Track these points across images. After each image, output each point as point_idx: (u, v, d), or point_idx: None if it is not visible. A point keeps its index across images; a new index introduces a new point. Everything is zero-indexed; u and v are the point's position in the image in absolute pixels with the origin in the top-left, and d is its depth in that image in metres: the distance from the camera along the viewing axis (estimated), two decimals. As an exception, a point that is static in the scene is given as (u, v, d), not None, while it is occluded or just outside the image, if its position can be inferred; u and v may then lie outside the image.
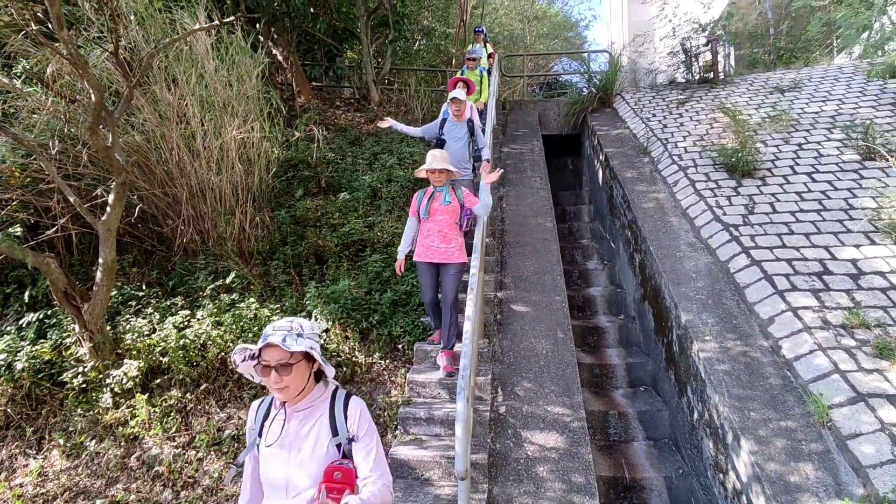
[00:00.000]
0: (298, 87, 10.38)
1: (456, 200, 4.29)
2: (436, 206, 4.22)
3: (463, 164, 5.57)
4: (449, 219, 4.25)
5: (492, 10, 19.64)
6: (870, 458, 2.87)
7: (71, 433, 4.27)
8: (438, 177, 4.21)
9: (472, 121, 5.67)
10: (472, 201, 4.36)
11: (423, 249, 4.26)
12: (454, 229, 4.30)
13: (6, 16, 4.46)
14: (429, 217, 4.22)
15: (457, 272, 4.24)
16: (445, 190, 4.26)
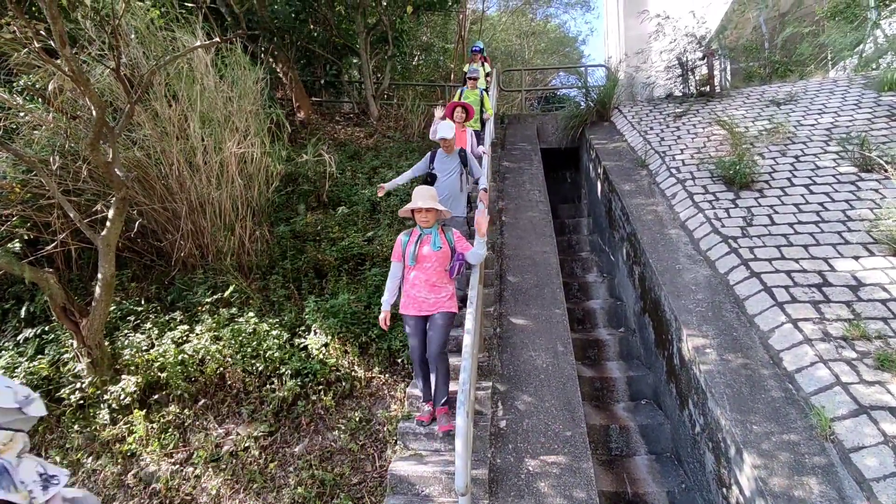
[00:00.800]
0: (298, 103, 10.47)
1: (446, 244, 3.79)
2: (424, 251, 3.72)
3: (455, 200, 5.17)
4: (438, 266, 3.76)
5: (490, 25, 19.88)
6: (873, 471, 2.84)
7: (68, 450, 4.23)
8: (426, 217, 3.71)
9: (465, 150, 5.31)
10: (465, 246, 3.86)
11: (409, 301, 3.77)
12: (444, 277, 3.80)
13: (9, 33, 4.50)
14: (416, 264, 3.73)
15: (445, 323, 3.74)
16: (434, 232, 3.77)
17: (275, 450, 4.17)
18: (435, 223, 3.81)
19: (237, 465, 4.04)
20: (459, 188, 5.18)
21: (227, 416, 4.45)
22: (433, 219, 3.75)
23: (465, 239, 3.95)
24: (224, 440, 4.24)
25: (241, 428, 4.30)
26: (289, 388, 4.40)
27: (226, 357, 4.66)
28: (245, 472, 3.98)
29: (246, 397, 4.53)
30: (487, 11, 19.44)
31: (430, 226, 3.76)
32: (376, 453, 4.02)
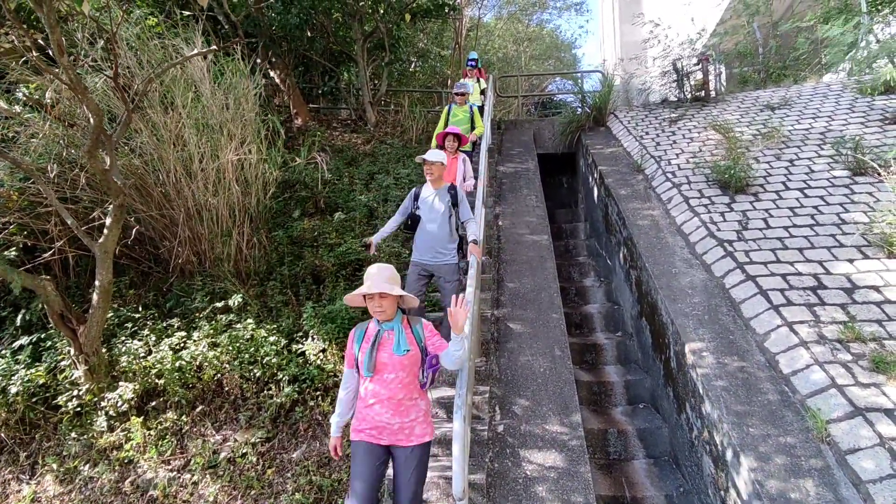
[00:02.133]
0: (296, 109, 10.51)
1: (415, 344, 2.69)
2: (384, 356, 2.62)
3: (444, 245, 4.26)
4: (406, 376, 2.65)
5: (486, 32, 19.99)
6: (869, 473, 2.85)
7: (65, 458, 4.22)
8: (379, 304, 2.60)
9: (456, 188, 4.44)
10: (438, 345, 2.75)
11: (363, 423, 2.67)
12: (414, 390, 2.70)
13: (7, 42, 4.53)
14: (374, 374, 2.63)
15: (420, 462, 2.66)
16: (397, 327, 2.68)
17: (272, 456, 4.17)
18: (397, 313, 2.72)
19: (235, 471, 4.03)
20: (448, 232, 4.26)
21: (224, 422, 4.44)
22: (392, 309, 2.64)
23: (438, 331, 2.87)
24: (221, 446, 4.23)
25: (238, 434, 4.29)
26: (286, 394, 4.40)
27: (223, 363, 4.66)
28: (243, 478, 3.97)
29: (243, 403, 4.52)
30: (483, 18, 19.57)
31: (390, 318, 2.66)
32: (374, 459, 4.01)
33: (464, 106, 7.09)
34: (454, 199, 4.33)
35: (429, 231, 4.26)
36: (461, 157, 5.63)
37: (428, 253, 4.26)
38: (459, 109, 7.05)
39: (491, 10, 20.87)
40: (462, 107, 7.07)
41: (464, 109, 7.06)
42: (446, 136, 5.59)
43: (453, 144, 5.62)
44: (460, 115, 7.04)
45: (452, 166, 5.55)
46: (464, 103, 7.10)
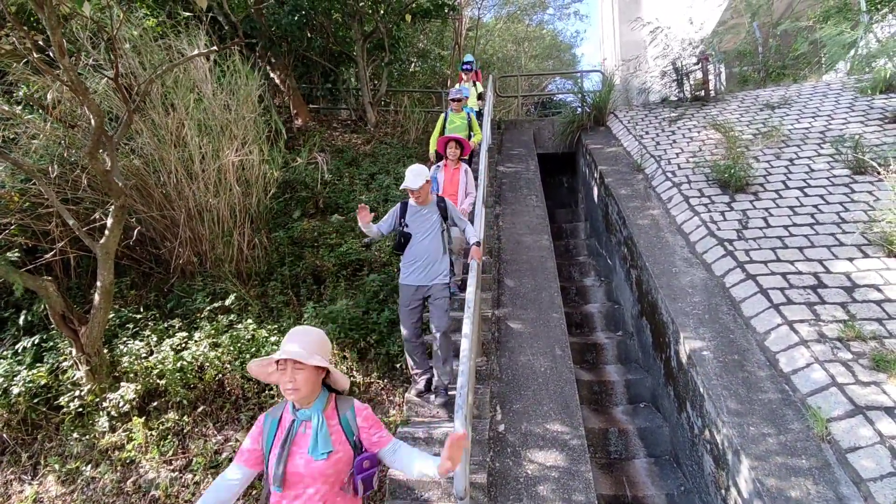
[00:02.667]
0: (296, 110, 10.51)
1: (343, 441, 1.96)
2: (298, 463, 1.90)
3: (437, 264, 4.00)
4: (328, 490, 1.92)
5: (485, 32, 19.99)
6: (870, 471, 2.86)
7: (66, 458, 4.23)
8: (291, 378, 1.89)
9: (445, 200, 4.15)
10: (377, 439, 2.03)
11: None
12: None
13: (8, 44, 4.53)
14: (283, 489, 1.89)
15: None
16: (316, 415, 1.96)
17: (274, 456, 4.17)
18: (320, 396, 2.00)
19: (236, 471, 4.03)
20: (441, 249, 4.03)
21: (225, 422, 4.45)
22: (308, 388, 1.92)
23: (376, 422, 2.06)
24: (223, 447, 4.24)
25: (239, 434, 4.30)
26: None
27: (224, 363, 4.67)
28: (244, 478, 3.98)
29: (245, 403, 4.53)
30: (483, 18, 19.57)
31: (307, 403, 1.96)
32: (375, 458, 4.01)
33: (461, 112, 6.74)
34: (444, 213, 4.08)
35: (423, 247, 3.97)
36: (463, 168, 5.34)
37: (422, 271, 3.96)
38: (456, 116, 6.69)
39: (490, 10, 20.90)
40: (459, 113, 6.72)
41: (461, 116, 6.71)
42: (448, 142, 5.30)
43: (455, 152, 5.35)
44: (457, 122, 6.67)
45: (454, 178, 5.27)
46: (460, 109, 6.74)
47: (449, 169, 5.35)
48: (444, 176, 5.35)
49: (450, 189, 5.23)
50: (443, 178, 5.35)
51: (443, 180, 5.33)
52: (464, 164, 5.41)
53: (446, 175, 5.37)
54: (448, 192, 5.23)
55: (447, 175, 5.36)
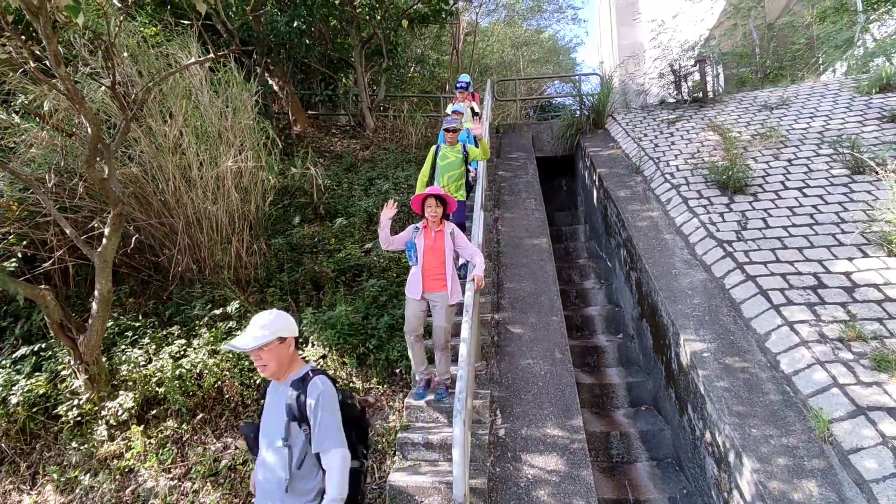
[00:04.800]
0: (294, 116, 10.53)
1: None
2: None
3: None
4: None
5: (483, 36, 20.05)
6: (872, 472, 2.83)
7: (65, 467, 4.21)
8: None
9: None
10: None
11: None
12: None
13: (4, 53, 4.55)
14: None
15: None
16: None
17: (273, 463, 4.15)
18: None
19: (236, 478, 4.01)
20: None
21: (225, 429, 4.43)
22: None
23: None
24: (222, 454, 4.22)
25: (239, 442, 4.28)
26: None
27: (223, 371, 4.65)
28: (243, 485, 3.96)
29: (244, 410, 4.51)
30: (481, 23, 19.62)
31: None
32: (375, 465, 4.00)
33: (455, 145, 5.60)
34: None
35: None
36: (448, 231, 4.08)
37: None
38: (450, 150, 5.56)
39: (489, 14, 20.96)
40: (453, 146, 5.59)
41: (455, 150, 5.57)
42: (425, 199, 4.04)
43: (436, 213, 4.02)
44: (451, 157, 5.54)
45: (437, 245, 4.02)
46: (455, 141, 5.60)
47: (430, 233, 4.04)
48: (423, 242, 4.03)
49: (432, 261, 4.00)
50: (422, 245, 4.03)
51: (422, 249, 4.02)
52: (449, 225, 4.13)
53: (426, 241, 4.03)
54: (429, 267, 4.00)
55: (427, 241, 4.03)
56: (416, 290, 4.01)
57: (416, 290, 4.01)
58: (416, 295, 4.01)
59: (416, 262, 4.01)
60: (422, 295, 3.99)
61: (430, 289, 3.98)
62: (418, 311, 4.04)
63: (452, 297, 4.00)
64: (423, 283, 3.99)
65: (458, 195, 5.55)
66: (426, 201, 4.02)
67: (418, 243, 4.01)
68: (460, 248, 4.09)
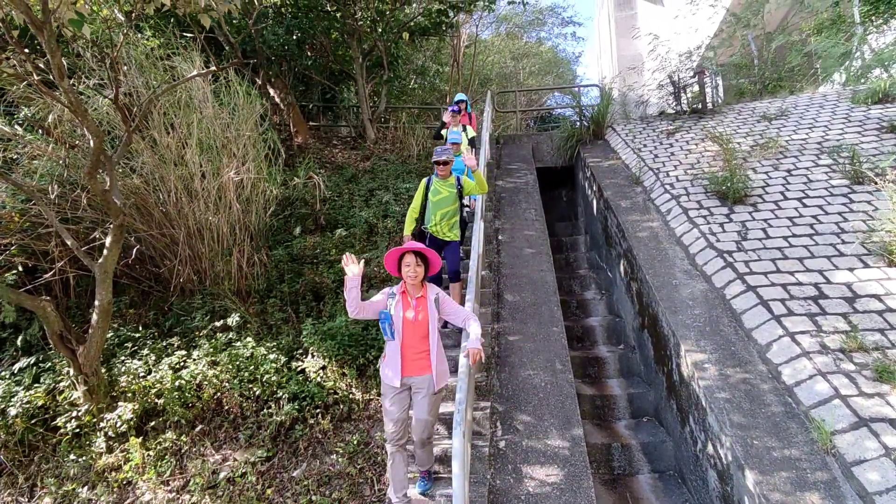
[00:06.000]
0: (296, 128, 10.59)
1: None
2: None
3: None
4: None
5: (484, 48, 20.21)
6: (875, 484, 2.81)
7: (63, 480, 4.19)
8: None
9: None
10: None
11: None
12: None
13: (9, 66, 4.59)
14: None
15: None
16: None
17: (272, 475, 4.12)
18: None
19: (234, 491, 3.99)
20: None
21: (224, 441, 4.41)
22: None
23: None
24: (221, 466, 4.19)
25: (238, 453, 4.25)
26: (286, 412, 4.37)
27: (223, 382, 4.64)
28: (242, 498, 3.93)
29: (243, 422, 4.49)
30: (481, 35, 19.78)
31: None
32: (375, 477, 3.97)
33: (448, 178, 4.93)
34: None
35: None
36: (431, 296, 3.29)
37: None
38: (443, 184, 4.90)
39: (489, 27, 21.14)
40: (446, 180, 4.91)
41: (448, 184, 4.90)
42: (402, 257, 3.27)
43: (416, 274, 3.23)
44: (444, 191, 4.87)
45: (420, 316, 3.22)
46: (448, 174, 4.92)
47: (409, 299, 3.25)
48: (402, 312, 3.21)
49: (413, 336, 3.19)
50: (400, 315, 3.20)
51: (400, 321, 3.19)
52: (433, 289, 3.35)
53: (406, 310, 3.22)
54: (410, 343, 3.20)
55: (407, 311, 3.22)
56: (395, 375, 3.19)
57: (395, 375, 3.19)
58: (395, 381, 3.18)
59: (393, 337, 3.19)
60: (402, 381, 3.20)
61: (411, 371, 3.20)
62: (401, 407, 3.21)
63: (439, 380, 3.22)
64: (403, 365, 3.19)
65: (452, 234, 4.94)
66: (403, 259, 3.26)
67: (395, 314, 3.20)
68: (449, 315, 3.34)
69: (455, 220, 4.95)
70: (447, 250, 4.99)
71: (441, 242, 4.95)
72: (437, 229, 4.91)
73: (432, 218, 4.89)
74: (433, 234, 4.93)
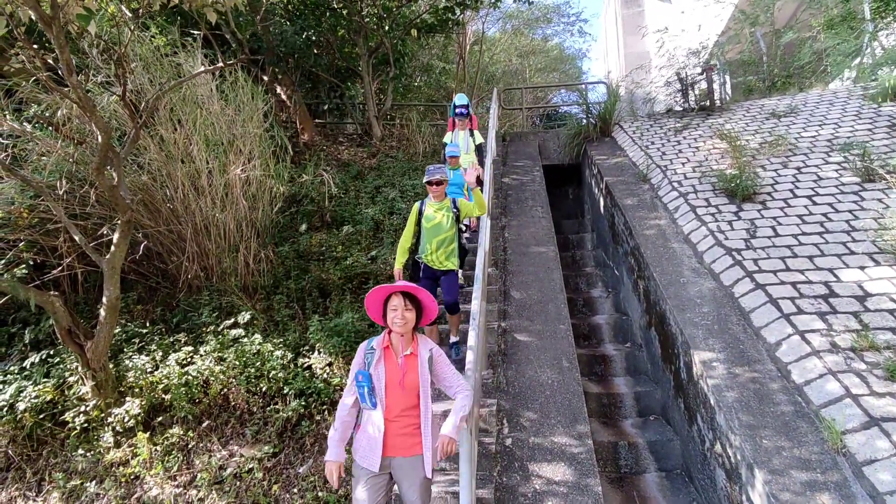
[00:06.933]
0: (302, 125, 10.60)
1: None
2: None
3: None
4: None
5: (490, 45, 20.15)
6: (887, 484, 2.78)
7: (71, 474, 4.21)
8: None
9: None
10: None
11: None
12: None
13: (18, 62, 4.61)
14: None
15: None
16: None
17: (279, 471, 4.13)
18: None
19: (241, 486, 4.00)
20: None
21: (230, 437, 4.42)
22: None
23: None
24: (228, 462, 4.20)
25: (244, 449, 4.27)
26: (293, 409, 4.38)
27: (230, 378, 4.65)
28: (248, 494, 3.94)
29: (250, 418, 4.50)
30: (487, 32, 19.72)
31: None
32: (381, 474, 3.97)
33: (444, 201, 4.39)
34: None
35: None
36: (425, 353, 2.60)
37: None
38: (438, 208, 4.36)
39: (495, 24, 21.07)
40: (441, 202, 4.38)
41: (443, 207, 4.36)
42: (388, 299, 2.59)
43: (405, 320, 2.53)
44: (439, 217, 4.33)
45: (408, 378, 2.53)
46: (443, 195, 4.38)
47: (394, 356, 2.58)
48: (385, 372, 2.52)
49: (399, 403, 2.49)
50: (383, 376, 2.51)
51: (383, 383, 2.50)
52: (426, 343, 2.66)
53: (390, 370, 2.53)
54: (396, 414, 2.49)
55: (392, 371, 2.54)
56: (374, 455, 2.44)
57: (374, 455, 2.44)
58: (372, 463, 2.43)
59: (374, 405, 2.47)
60: (382, 462, 2.44)
61: (396, 450, 2.46)
62: (376, 497, 2.44)
63: (431, 462, 2.47)
64: (386, 443, 2.45)
65: (450, 263, 4.40)
66: (389, 301, 2.58)
67: (376, 375, 2.50)
68: (441, 381, 2.65)
69: (453, 248, 4.42)
70: (445, 280, 4.47)
71: (437, 273, 4.43)
72: (432, 259, 4.36)
73: (427, 247, 4.36)
74: (428, 265, 4.41)
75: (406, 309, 2.55)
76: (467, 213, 4.41)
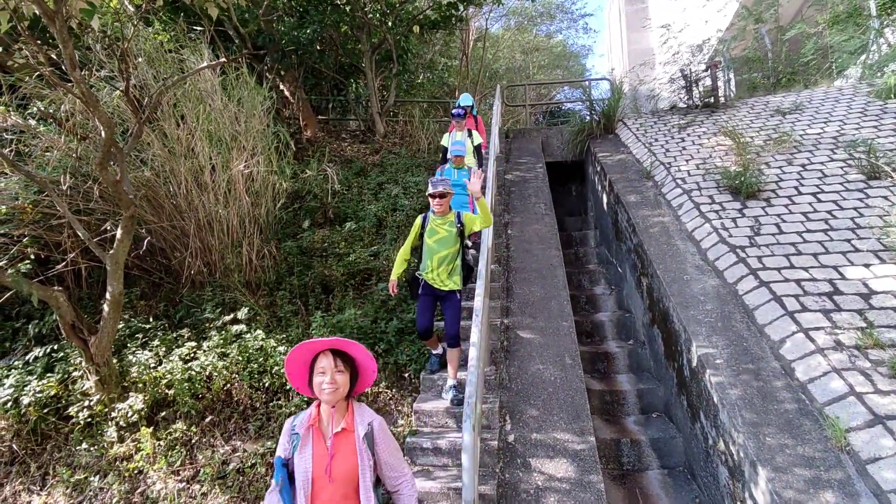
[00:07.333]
0: (305, 121, 10.59)
1: None
2: None
3: None
4: None
5: (493, 42, 20.09)
6: (891, 483, 2.77)
7: (75, 469, 4.22)
8: None
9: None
10: None
11: None
12: None
13: (21, 58, 4.61)
14: None
15: None
16: None
17: (282, 467, 4.14)
18: None
19: (244, 482, 4.01)
20: None
21: (233, 432, 4.43)
22: None
23: None
24: (231, 457, 4.21)
25: (247, 444, 4.27)
26: (296, 404, 4.38)
27: (233, 373, 4.66)
28: (251, 489, 3.95)
29: (253, 413, 4.51)
30: (491, 29, 19.66)
31: None
32: (383, 469, 3.97)
33: (447, 215, 4.14)
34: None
35: None
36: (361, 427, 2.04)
37: None
38: (441, 222, 4.13)
39: (498, 20, 20.99)
40: (445, 216, 4.13)
41: (447, 221, 4.13)
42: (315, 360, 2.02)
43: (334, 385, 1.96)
44: (442, 231, 4.12)
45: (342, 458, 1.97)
46: (447, 209, 4.12)
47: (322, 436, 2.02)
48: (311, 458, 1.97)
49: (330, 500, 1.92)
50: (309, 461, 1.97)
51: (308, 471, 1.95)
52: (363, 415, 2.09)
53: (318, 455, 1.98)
54: None
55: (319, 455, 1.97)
56: None
57: None
58: None
59: (292, 500, 1.94)
60: None
61: None
62: None
63: None
64: None
65: (452, 283, 4.15)
66: (316, 363, 2.01)
67: (298, 463, 1.95)
68: (383, 464, 2.06)
69: (455, 265, 4.18)
70: (446, 305, 4.17)
71: (438, 293, 4.17)
72: (432, 276, 4.12)
73: (428, 263, 4.13)
74: (428, 283, 4.17)
75: (337, 371, 1.97)
76: (472, 227, 4.11)
